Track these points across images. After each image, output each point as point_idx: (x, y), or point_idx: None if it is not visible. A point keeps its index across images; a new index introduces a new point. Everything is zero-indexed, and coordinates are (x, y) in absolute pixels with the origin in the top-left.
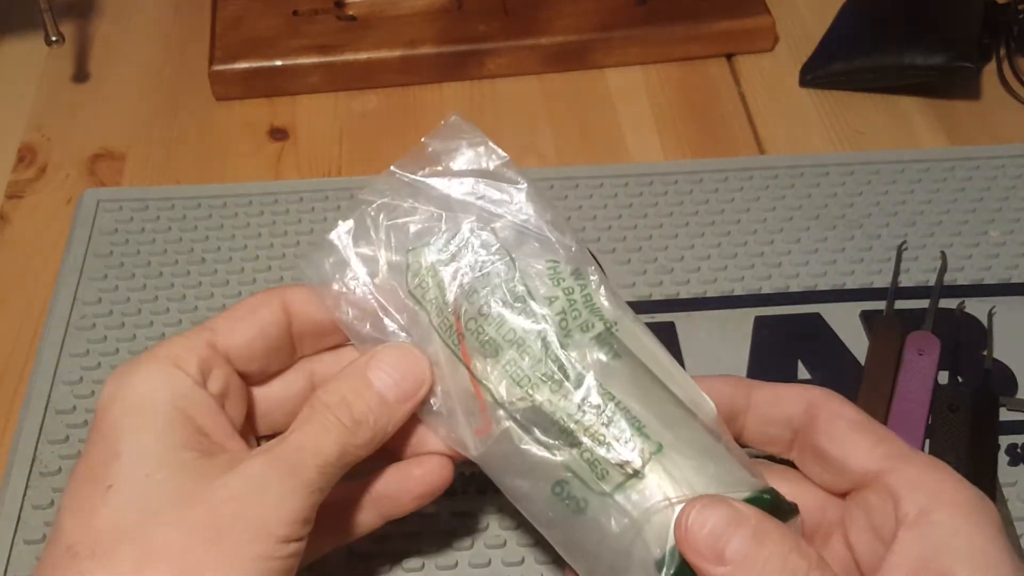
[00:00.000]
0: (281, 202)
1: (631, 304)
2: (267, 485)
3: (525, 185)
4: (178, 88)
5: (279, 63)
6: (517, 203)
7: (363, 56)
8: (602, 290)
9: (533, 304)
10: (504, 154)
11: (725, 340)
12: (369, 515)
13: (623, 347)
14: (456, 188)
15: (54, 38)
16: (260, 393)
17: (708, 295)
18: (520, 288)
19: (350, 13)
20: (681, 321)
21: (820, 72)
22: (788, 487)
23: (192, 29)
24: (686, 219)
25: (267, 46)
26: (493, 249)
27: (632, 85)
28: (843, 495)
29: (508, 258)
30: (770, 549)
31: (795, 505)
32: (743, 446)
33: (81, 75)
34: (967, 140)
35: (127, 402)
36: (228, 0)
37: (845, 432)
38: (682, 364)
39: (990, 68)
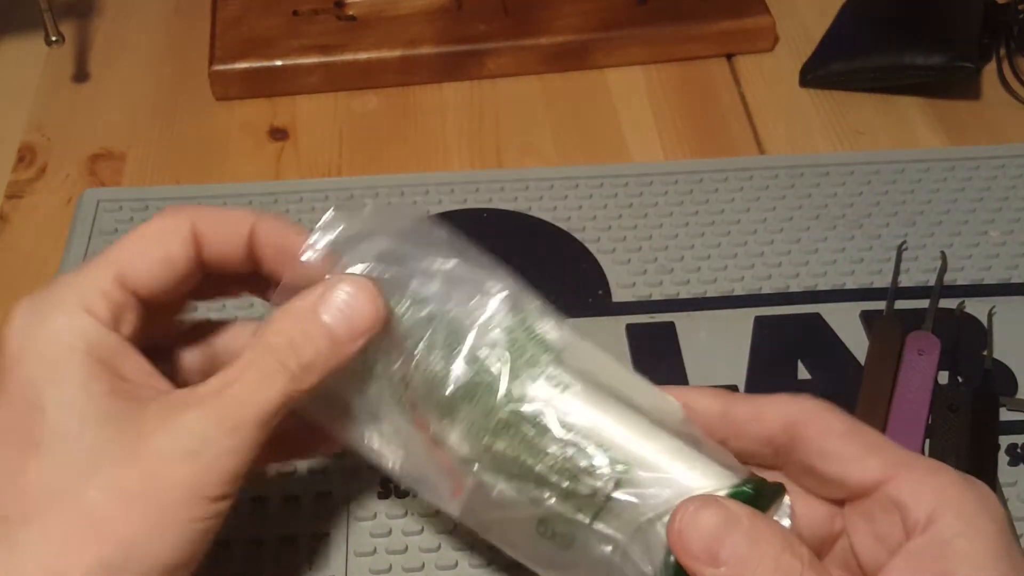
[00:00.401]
0: (281, 202)
1: (632, 304)
2: (203, 445)
3: (443, 232)
4: (178, 88)
5: (279, 63)
6: (436, 250)
7: (363, 56)
8: (542, 319)
9: (479, 353)
10: (417, 211)
11: (725, 340)
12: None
13: (575, 372)
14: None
15: (54, 38)
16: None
17: (708, 295)
18: (460, 341)
19: (350, 13)
20: (681, 321)
21: (820, 72)
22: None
23: (192, 29)
24: (686, 219)
25: (267, 46)
26: (425, 311)
27: (632, 85)
28: (840, 503)
29: (444, 311)
30: (763, 549)
31: (780, 485)
32: None
33: (81, 75)
34: (967, 140)
35: (41, 355)
36: (228, 0)
37: (837, 447)
38: (683, 364)
39: (990, 68)
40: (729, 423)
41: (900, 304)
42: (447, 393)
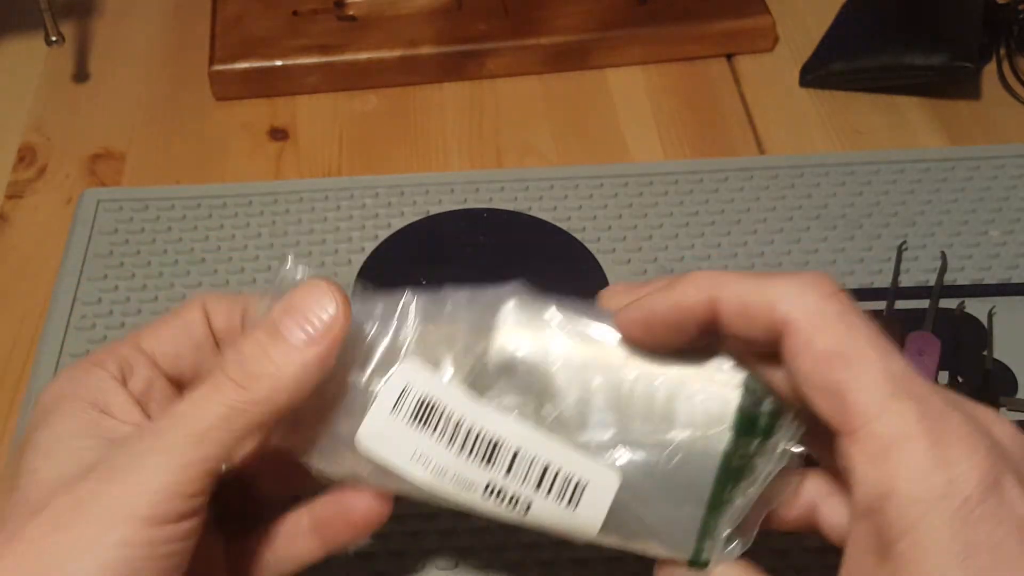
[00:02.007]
0: (281, 202)
1: None
2: (130, 462)
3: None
4: (178, 88)
5: (279, 63)
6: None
7: (363, 56)
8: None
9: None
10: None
11: None
12: (309, 543)
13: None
14: None
15: (54, 38)
16: None
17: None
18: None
19: (350, 13)
20: None
21: (820, 72)
22: None
23: (192, 29)
24: (686, 219)
25: (267, 46)
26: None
27: (632, 85)
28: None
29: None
30: None
31: (777, 401)
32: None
33: (81, 75)
34: (967, 140)
35: (42, 404)
36: (228, 0)
37: (808, 369)
38: None
39: (990, 68)
40: (721, 314)
41: (900, 304)
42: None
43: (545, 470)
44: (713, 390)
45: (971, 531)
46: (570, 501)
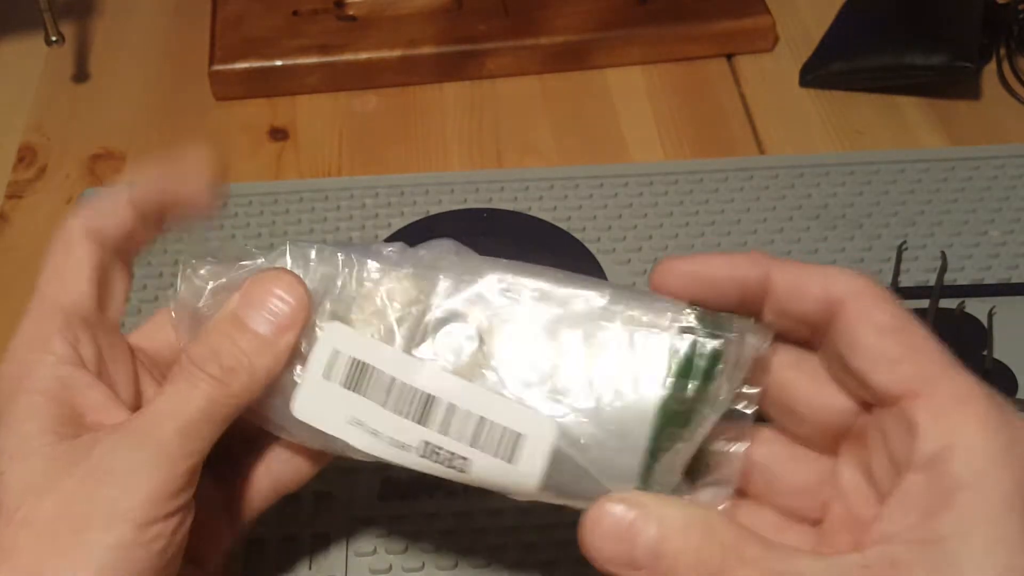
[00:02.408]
0: (281, 202)
1: None
2: (117, 462)
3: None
4: (178, 88)
5: (279, 63)
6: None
7: (363, 56)
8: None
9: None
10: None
11: None
12: (300, 462)
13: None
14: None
15: (54, 38)
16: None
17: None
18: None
19: (350, 13)
20: None
21: (820, 72)
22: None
23: (192, 29)
24: (686, 219)
25: (267, 46)
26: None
27: (632, 85)
28: (868, 405)
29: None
30: (680, 544)
31: (720, 346)
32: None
33: (81, 75)
34: (967, 140)
35: (5, 394)
36: (228, 0)
37: (870, 341)
38: None
39: (990, 68)
40: (772, 292)
41: None
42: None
43: (479, 424)
44: (653, 338)
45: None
46: (508, 455)
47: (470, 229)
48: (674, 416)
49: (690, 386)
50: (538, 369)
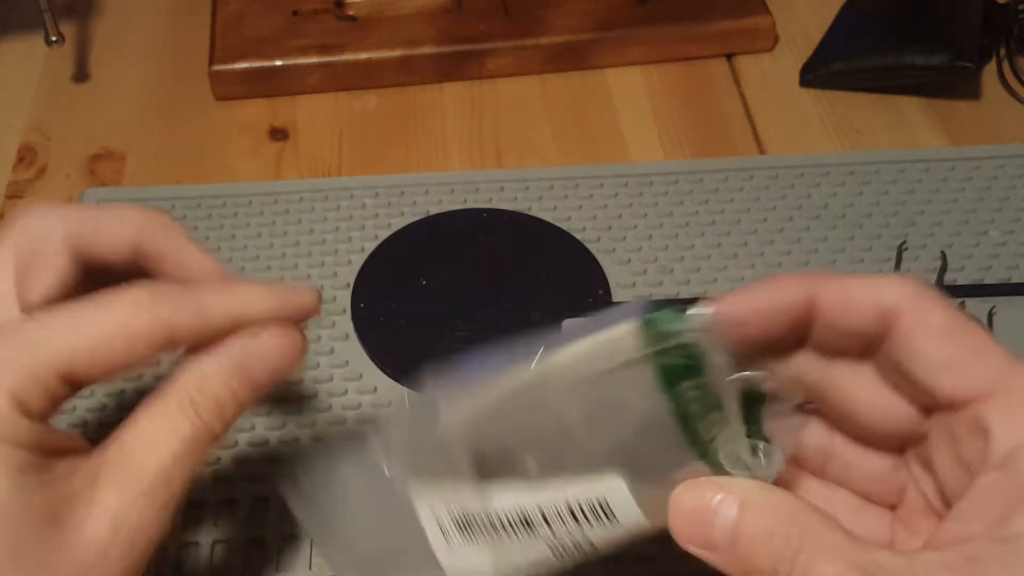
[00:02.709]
0: (281, 202)
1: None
2: (119, 523)
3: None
4: (178, 88)
5: (279, 63)
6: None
7: (363, 56)
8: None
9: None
10: None
11: None
12: None
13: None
14: None
15: (54, 38)
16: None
17: (708, 295)
18: None
19: (350, 13)
20: None
21: (820, 72)
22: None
23: (192, 29)
24: (686, 219)
25: (267, 46)
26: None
27: (632, 85)
28: (929, 410)
29: None
30: (754, 528)
31: (689, 337)
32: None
33: (81, 75)
34: (967, 140)
35: None
36: (228, 0)
37: (931, 348)
38: None
39: (990, 68)
40: (821, 311)
41: None
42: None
43: (571, 511)
44: (627, 373)
45: None
46: (609, 517)
47: (470, 229)
48: (693, 416)
49: (688, 384)
50: (568, 444)
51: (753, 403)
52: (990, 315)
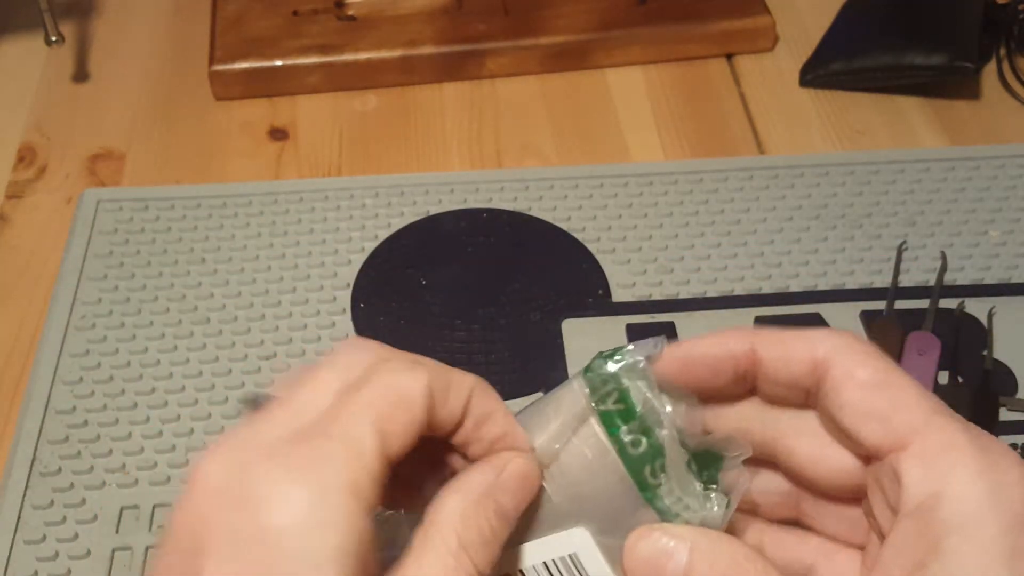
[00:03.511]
0: (281, 202)
1: (632, 304)
2: None
3: None
4: (178, 88)
5: (279, 63)
6: None
7: (363, 56)
8: None
9: None
10: None
11: None
12: None
13: None
14: None
15: (54, 38)
16: None
17: (708, 295)
18: None
19: (350, 13)
20: (681, 321)
21: (820, 72)
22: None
23: (192, 29)
24: (686, 219)
25: (267, 46)
26: None
27: (632, 85)
28: (868, 461)
29: None
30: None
31: (615, 384)
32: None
33: (81, 75)
34: (967, 140)
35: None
36: (228, 0)
37: (855, 399)
38: None
39: (990, 68)
40: (761, 364)
41: (900, 304)
42: None
43: (547, 568)
44: (579, 427)
45: (1017, 536)
46: (580, 571)
47: (470, 229)
48: (637, 460)
49: (624, 429)
50: (538, 517)
51: (705, 452)
52: (990, 315)
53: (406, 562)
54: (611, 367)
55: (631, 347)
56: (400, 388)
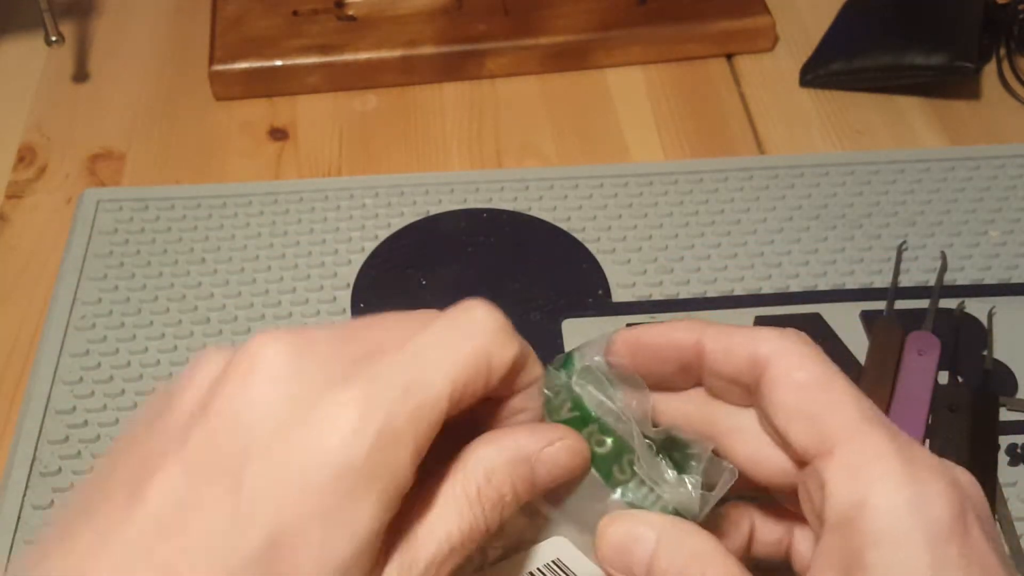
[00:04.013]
0: (281, 202)
1: (632, 305)
2: None
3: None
4: (178, 88)
5: (279, 63)
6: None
7: (363, 56)
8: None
9: None
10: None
11: None
12: None
13: None
14: None
15: (54, 38)
16: None
17: (708, 295)
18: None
19: (350, 13)
20: None
21: (820, 72)
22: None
23: (192, 29)
24: (686, 219)
25: (267, 46)
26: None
27: (632, 85)
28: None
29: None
30: (666, 564)
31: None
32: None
33: (81, 75)
34: (967, 140)
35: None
36: (228, 0)
37: (788, 400)
38: None
39: (990, 68)
40: (706, 356)
41: (900, 304)
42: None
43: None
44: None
45: (941, 548)
46: (567, 573)
47: (470, 229)
48: (605, 457)
49: (584, 433)
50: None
51: (670, 439)
52: (990, 315)
53: (417, 491)
54: (561, 377)
55: (578, 350)
56: (489, 356)
